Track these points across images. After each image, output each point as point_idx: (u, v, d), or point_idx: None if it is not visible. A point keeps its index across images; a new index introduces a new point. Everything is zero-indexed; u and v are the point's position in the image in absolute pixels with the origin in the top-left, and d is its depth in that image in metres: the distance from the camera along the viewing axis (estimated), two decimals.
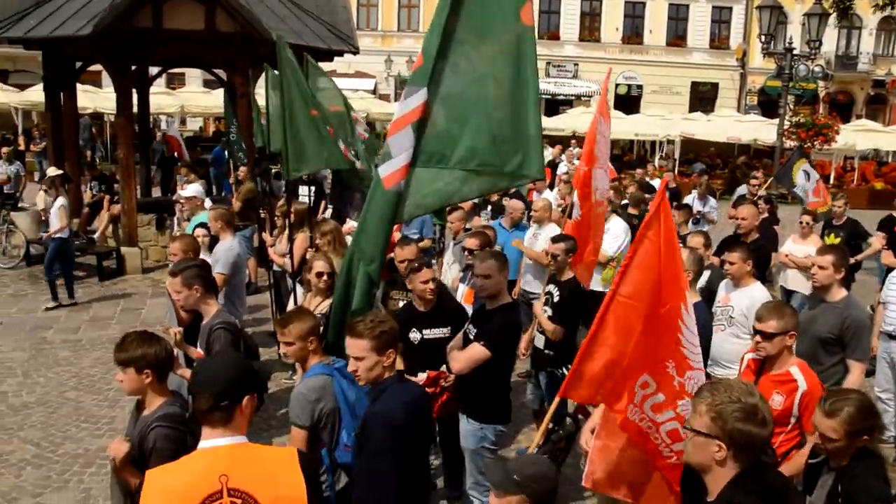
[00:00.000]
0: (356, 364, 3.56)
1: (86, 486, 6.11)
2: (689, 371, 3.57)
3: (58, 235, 10.78)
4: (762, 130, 26.19)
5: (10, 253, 13.56)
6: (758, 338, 4.41)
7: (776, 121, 18.49)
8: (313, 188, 12.25)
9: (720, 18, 40.04)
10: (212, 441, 2.65)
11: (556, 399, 3.94)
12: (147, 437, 3.41)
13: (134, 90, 14.33)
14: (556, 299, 6.10)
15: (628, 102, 37.72)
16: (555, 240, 6.41)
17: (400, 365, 5.43)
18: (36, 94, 26.50)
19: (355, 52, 14.63)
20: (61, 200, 10.98)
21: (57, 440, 6.87)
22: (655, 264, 3.54)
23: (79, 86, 15.54)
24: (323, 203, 12.53)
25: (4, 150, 16.10)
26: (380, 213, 4.60)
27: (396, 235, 9.13)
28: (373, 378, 3.59)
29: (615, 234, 8.23)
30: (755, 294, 5.79)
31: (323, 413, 3.92)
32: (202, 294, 4.82)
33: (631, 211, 10.30)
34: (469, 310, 5.94)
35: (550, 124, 28.35)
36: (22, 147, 22.74)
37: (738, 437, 2.68)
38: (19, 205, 13.98)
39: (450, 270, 8.23)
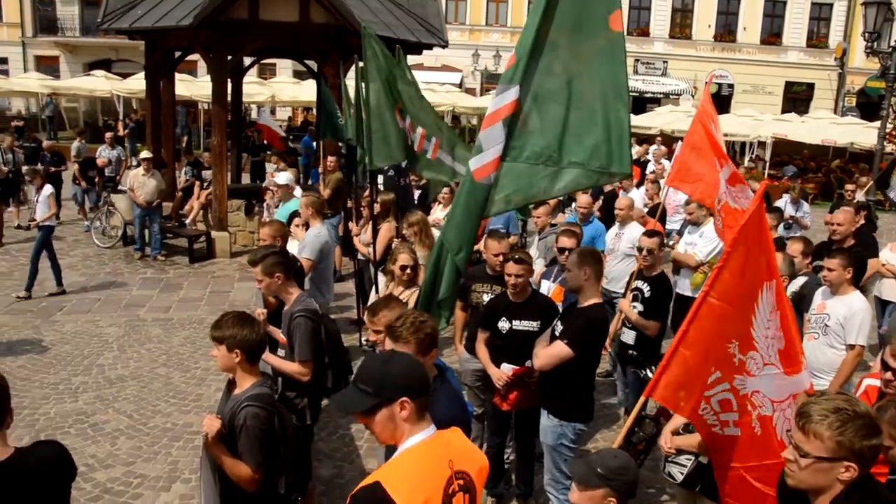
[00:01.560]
0: None
1: (174, 458, 6.36)
2: (752, 352, 3.50)
3: (46, 224, 10.71)
4: (860, 133, 25.20)
5: (108, 233, 14.17)
6: (889, 374, 3.82)
7: (876, 123, 17.74)
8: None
9: (819, 15, 38.53)
10: (428, 431, 2.61)
11: (641, 399, 3.91)
12: (238, 414, 3.52)
13: (228, 79, 14.74)
14: (646, 295, 6.08)
15: (718, 102, 36.60)
16: (648, 234, 6.38)
17: (484, 352, 5.50)
18: (136, 83, 27.64)
19: (444, 45, 14.73)
20: (48, 189, 10.93)
21: (148, 413, 7.18)
22: (749, 269, 3.47)
23: (176, 74, 16.07)
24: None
25: (108, 135, 16.78)
26: (468, 205, 4.68)
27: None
28: None
29: (709, 239, 8.05)
30: (854, 303, 5.60)
31: None
32: (283, 281, 4.85)
33: None
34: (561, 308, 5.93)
35: (638, 122, 27.91)
36: (121, 133, 23.68)
37: (867, 454, 2.55)
38: (119, 188, 14.55)
39: (534, 266, 8.21)
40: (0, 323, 9.54)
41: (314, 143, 15.76)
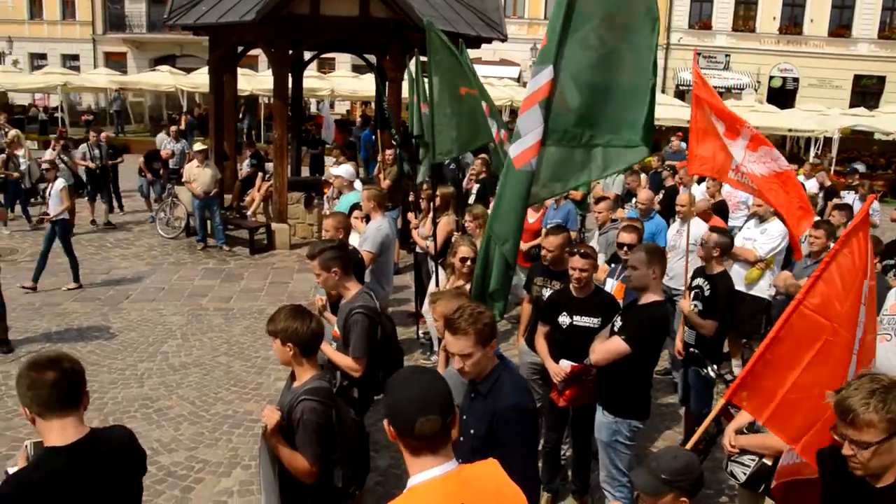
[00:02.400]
0: (462, 362, 3.40)
1: (234, 445, 6.49)
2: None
3: (61, 218, 10.66)
4: None
5: (172, 224, 14.51)
6: None
7: None
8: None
9: (893, 6, 37.17)
10: (442, 468, 2.33)
11: (721, 402, 3.85)
12: (295, 408, 3.55)
13: (289, 73, 14.93)
14: (706, 293, 5.97)
15: (783, 96, 35.85)
16: (712, 230, 6.29)
17: (543, 346, 5.47)
18: (200, 77, 28.22)
19: (504, 39, 14.70)
20: (61, 182, 10.89)
21: (209, 400, 7.33)
22: (847, 282, 3.38)
23: (238, 69, 16.35)
24: None
25: (172, 128, 17.18)
26: (512, 194, 4.63)
27: (535, 221, 9.18)
28: (481, 371, 3.48)
29: (772, 237, 7.87)
30: None
31: None
32: (341, 276, 4.84)
33: None
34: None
35: None
36: (183, 127, 24.19)
37: None
38: (182, 180, 14.87)
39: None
40: (71, 310, 9.86)
41: (373, 137, 15.84)
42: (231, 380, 7.82)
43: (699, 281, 6.12)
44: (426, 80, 7.19)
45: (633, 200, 11.59)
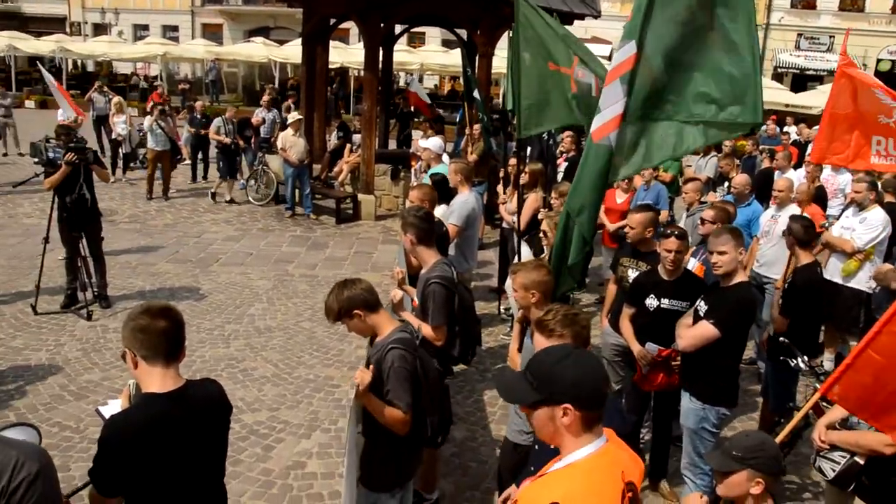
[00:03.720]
0: None
1: (314, 408, 6.63)
2: None
3: None
4: None
5: (262, 192, 14.85)
6: None
7: None
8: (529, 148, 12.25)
9: None
10: (598, 442, 2.37)
11: (816, 397, 3.73)
12: (385, 357, 3.60)
13: (380, 47, 15.00)
14: (786, 285, 5.78)
15: (893, 80, 34.08)
16: (792, 219, 6.03)
17: (628, 328, 5.39)
18: (292, 49, 28.76)
19: (597, 16, 14.43)
20: None
21: (292, 364, 7.50)
22: None
23: (329, 41, 16.52)
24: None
25: (265, 98, 17.53)
26: (590, 168, 4.56)
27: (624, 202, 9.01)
28: None
29: (871, 226, 7.49)
30: None
31: None
32: (415, 244, 4.88)
33: (889, 199, 9.35)
34: None
35: (798, 101, 26.35)
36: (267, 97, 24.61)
37: None
38: (279, 147, 15.17)
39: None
40: (164, 271, 10.23)
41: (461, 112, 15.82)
42: (314, 345, 7.98)
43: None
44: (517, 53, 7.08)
45: (726, 184, 11.27)
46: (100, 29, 42.20)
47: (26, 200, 13.86)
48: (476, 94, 11.42)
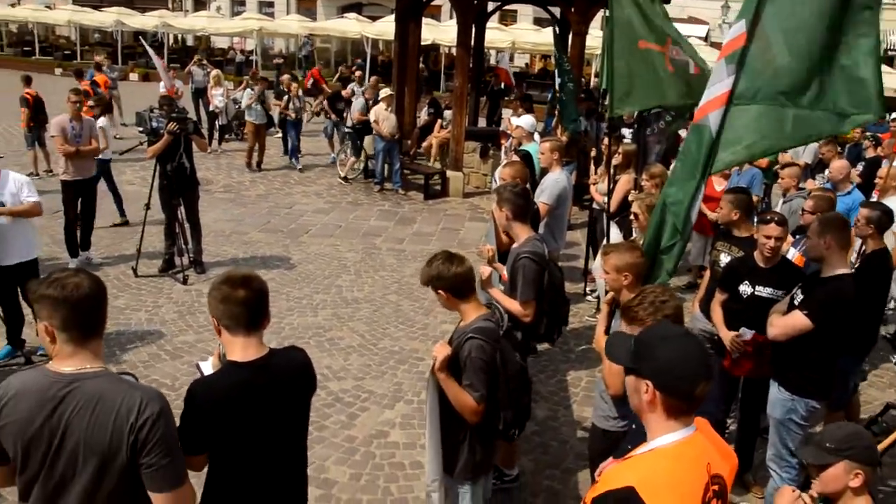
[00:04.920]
0: None
1: (398, 379, 6.72)
2: None
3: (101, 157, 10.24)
4: None
5: (352, 165, 15.03)
6: None
7: None
8: (631, 130, 12.03)
9: None
10: (686, 431, 2.29)
11: None
12: (463, 346, 3.59)
13: (473, 24, 14.94)
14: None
15: None
16: (863, 205, 5.75)
17: (718, 314, 5.25)
18: (384, 25, 28.95)
19: None
20: (102, 121, 10.52)
21: (378, 335, 7.62)
22: None
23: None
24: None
25: (357, 73, 17.74)
26: (688, 148, 4.44)
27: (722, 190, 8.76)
28: None
29: None
30: None
31: None
32: (510, 219, 4.85)
33: None
34: None
35: None
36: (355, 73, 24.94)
37: None
38: (371, 121, 15.34)
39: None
40: (256, 240, 10.52)
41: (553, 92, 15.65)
42: (399, 318, 8.08)
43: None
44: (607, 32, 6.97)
45: (826, 171, 10.82)
46: (199, 5, 43.42)
47: (129, 168, 14.43)
48: (557, 75, 11.30)
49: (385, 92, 13.83)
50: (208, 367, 3.10)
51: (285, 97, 15.37)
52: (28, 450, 2.38)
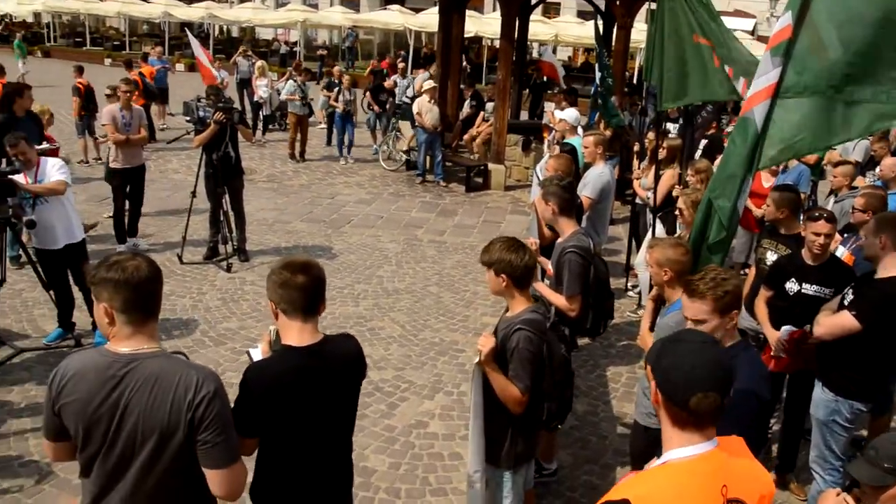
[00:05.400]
0: (693, 327, 3.22)
1: (438, 371, 6.75)
2: None
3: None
4: None
5: (393, 157, 15.14)
6: None
7: None
8: (678, 124, 11.92)
9: None
10: (703, 446, 2.13)
11: None
12: (510, 337, 3.59)
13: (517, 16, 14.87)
14: None
15: None
16: None
17: (763, 311, 5.18)
18: (426, 17, 28.96)
19: None
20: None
21: (418, 326, 7.66)
22: None
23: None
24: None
25: (401, 65, 17.78)
26: (732, 143, 4.37)
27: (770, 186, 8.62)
28: None
29: None
30: None
31: None
32: (556, 213, 4.84)
33: None
34: None
35: None
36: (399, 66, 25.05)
37: None
38: (414, 112, 15.39)
39: None
40: (299, 229, 10.63)
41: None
42: (440, 309, 8.11)
43: None
44: (655, 25, 6.88)
45: (877, 169, 10.59)
46: None
47: (175, 157, 14.66)
48: (597, 69, 11.21)
49: (428, 84, 13.85)
50: (258, 354, 3.15)
51: (336, 89, 15.44)
52: (89, 428, 2.45)
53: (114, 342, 2.52)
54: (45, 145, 8.62)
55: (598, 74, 12.04)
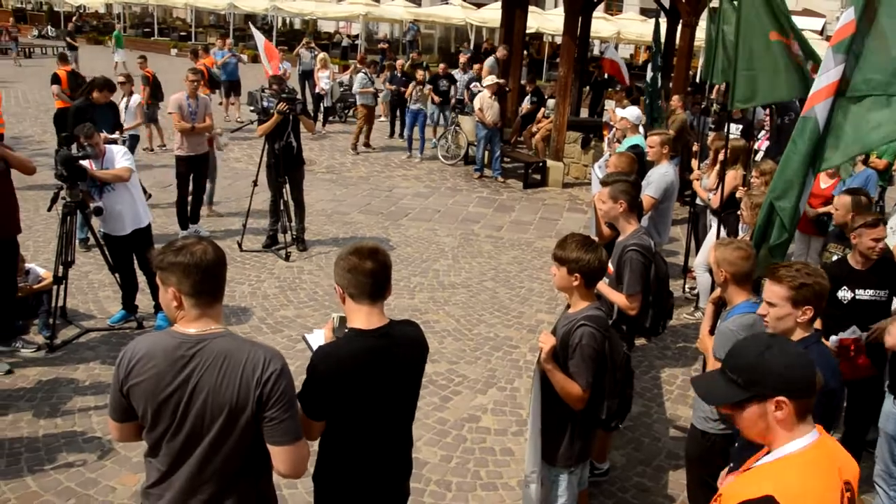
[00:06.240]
0: (766, 309, 3.32)
1: (492, 366, 6.74)
2: None
3: (132, 132, 11.08)
4: None
5: (452, 151, 15.17)
6: None
7: None
8: (742, 126, 11.67)
9: None
10: (811, 436, 2.18)
11: None
12: (573, 333, 3.56)
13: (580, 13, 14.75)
14: None
15: None
16: None
17: (818, 324, 5.05)
18: (488, 12, 28.90)
19: None
20: (137, 98, 11.54)
21: (473, 321, 7.66)
22: None
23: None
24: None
25: (462, 59, 17.75)
26: (793, 142, 4.26)
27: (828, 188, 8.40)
28: (781, 330, 3.28)
29: None
30: None
31: None
32: (625, 210, 4.79)
33: None
34: None
35: None
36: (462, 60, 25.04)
37: None
38: (465, 109, 15.41)
39: (892, 237, 7.32)
40: (356, 221, 10.74)
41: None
42: (495, 305, 8.10)
43: None
44: (725, 25, 6.76)
45: None
46: None
47: (237, 146, 14.92)
48: (650, 68, 11.07)
49: (490, 80, 13.83)
50: (316, 339, 3.18)
51: (411, 84, 15.50)
52: (159, 408, 2.51)
53: (181, 324, 2.58)
54: (116, 135, 8.92)
55: (649, 74, 11.94)
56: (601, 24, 26.84)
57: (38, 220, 9.60)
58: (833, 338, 4.81)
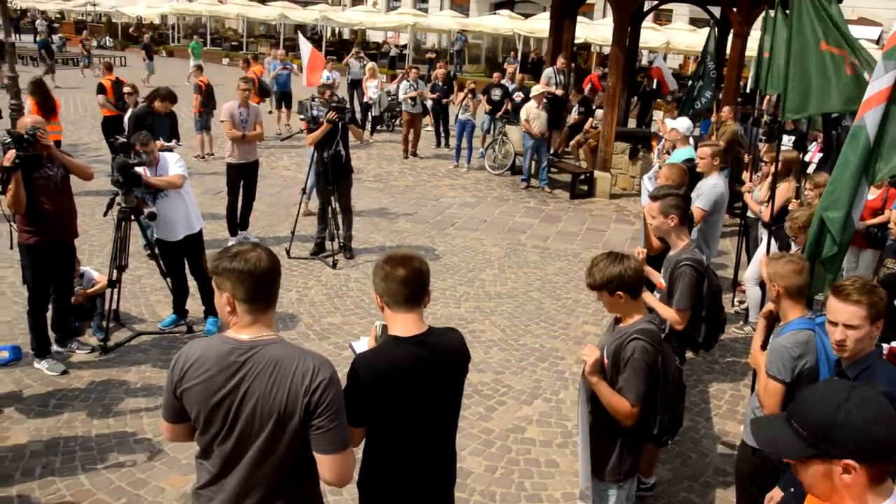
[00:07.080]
0: (846, 333, 3.13)
1: (537, 377, 6.71)
2: None
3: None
4: None
5: (499, 161, 15.17)
6: None
7: None
8: (794, 138, 11.46)
9: None
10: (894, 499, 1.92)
11: None
12: (625, 346, 3.52)
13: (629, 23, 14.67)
14: None
15: None
16: None
17: None
18: (535, 23, 28.89)
19: None
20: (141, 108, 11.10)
21: (519, 331, 7.63)
22: None
23: None
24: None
25: (509, 68, 17.78)
26: (844, 153, 4.17)
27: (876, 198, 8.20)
28: (858, 351, 3.18)
29: None
30: None
31: (804, 369, 3.62)
32: (676, 224, 4.71)
33: None
34: None
35: None
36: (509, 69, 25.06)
37: None
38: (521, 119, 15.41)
39: None
40: (403, 229, 10.80)
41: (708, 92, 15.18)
42: (541, 315, 8.07)
43: None
44: (777, 35, 6.64)
45: None
46: (357, 0, 44.85)
47: (285, 154, 15.11)
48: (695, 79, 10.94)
49: (536, 90, 13.81)
50: (362, 346, 3.21)
51: (462, 94, 15.58)
52: (210, 411, 2.55)
53: (234, 329, 2.61)
54: (172, 143, 9.13)
55: (697, 84, 11.80)
56: (650, 34, 26.58)
57: (94, 225, 9.84)
58: (884, 346, 4.70)
